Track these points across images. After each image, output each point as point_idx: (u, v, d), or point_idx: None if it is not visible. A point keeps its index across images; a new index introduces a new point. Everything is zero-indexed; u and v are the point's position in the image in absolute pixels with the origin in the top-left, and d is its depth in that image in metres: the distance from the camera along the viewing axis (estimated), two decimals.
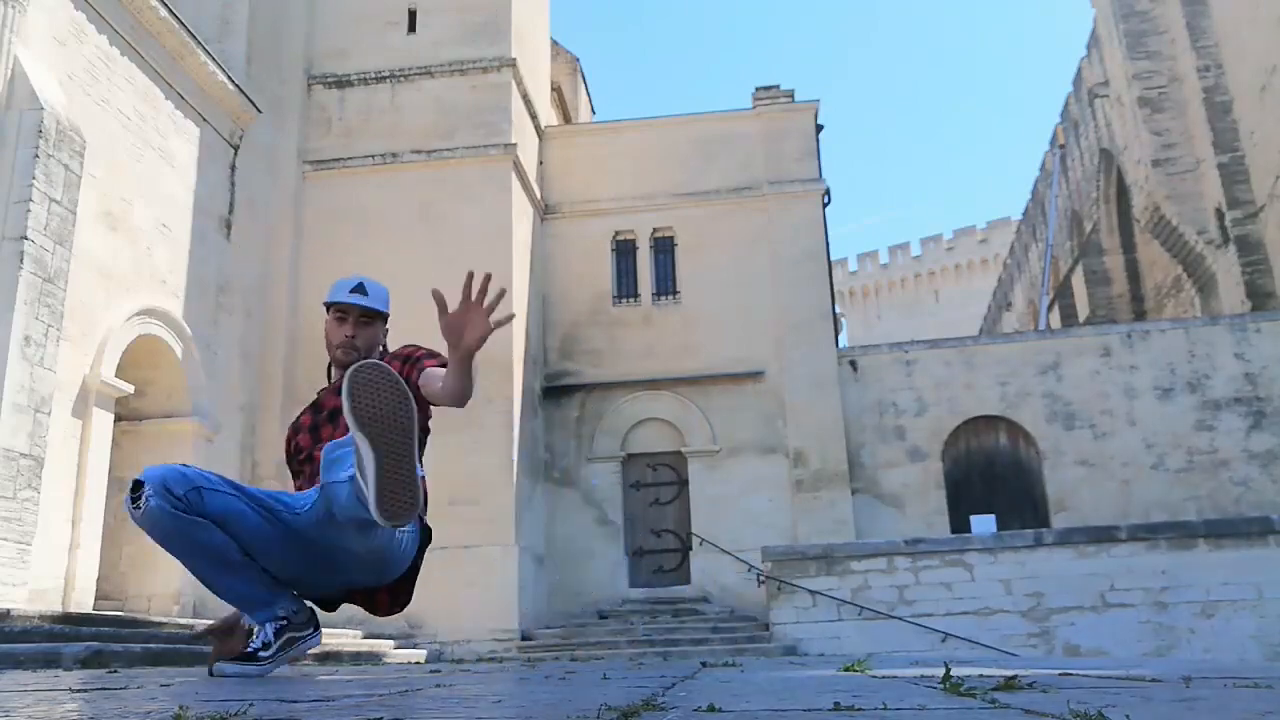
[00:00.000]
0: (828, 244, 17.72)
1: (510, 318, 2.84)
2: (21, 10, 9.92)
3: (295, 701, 1.95)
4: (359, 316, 3.29)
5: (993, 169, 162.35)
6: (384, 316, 3.37)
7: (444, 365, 2.98)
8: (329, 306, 3.33)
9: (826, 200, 17.86)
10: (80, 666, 5.63)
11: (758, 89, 18.46)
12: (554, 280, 17.80)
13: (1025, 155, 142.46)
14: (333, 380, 3.34)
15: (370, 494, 2.51)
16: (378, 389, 2.56)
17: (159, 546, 2.97)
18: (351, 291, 3.28)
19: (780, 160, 17.96)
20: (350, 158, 15.95)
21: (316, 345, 14.97)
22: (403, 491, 2.52)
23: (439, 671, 3.76)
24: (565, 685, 2.43)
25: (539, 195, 17.74)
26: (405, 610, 3.38)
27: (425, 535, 3.16)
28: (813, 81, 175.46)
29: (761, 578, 13.05)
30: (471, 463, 13.78)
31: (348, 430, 2.65)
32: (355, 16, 16.73)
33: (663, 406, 16.93)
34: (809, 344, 16.80)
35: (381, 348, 3.38)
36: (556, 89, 21.74)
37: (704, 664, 4.16)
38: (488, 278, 2.82)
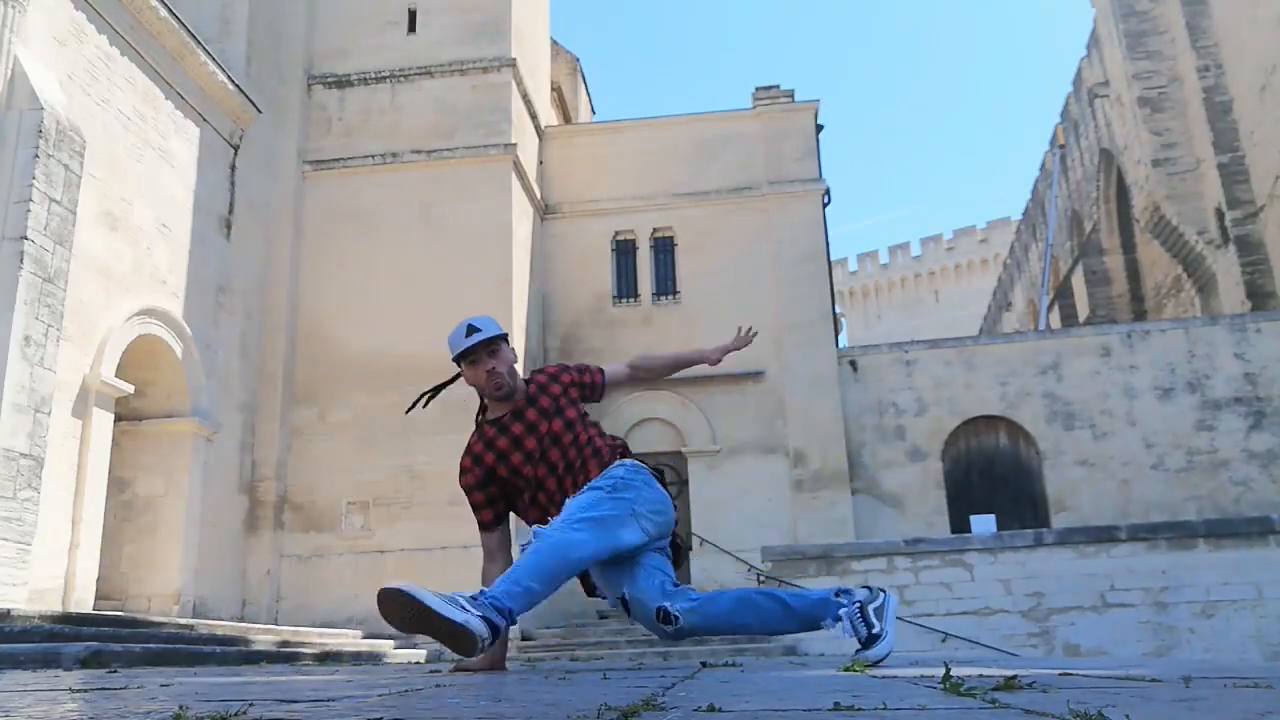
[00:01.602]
0: (828, 244, 17.72)
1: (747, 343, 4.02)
2: (21, 10, 9.92)
3: (295, 701, 1.95)
4: (486, 351, 3.50)
5: (993, 169, 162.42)
6: (503, 337, 3.56)
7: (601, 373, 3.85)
8: (458, 361, 3.53)
9: (826, 200, 17.86)
10: (80, 666, 5.63)
11: (758, 89, 18.46)
12: (554, 280, 17.79)
13: (1025, 155, 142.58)
14: (490, 415, 3.63)
15: None
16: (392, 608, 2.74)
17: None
18: (467, 336, 3.50)
19: (780, 160, 17.95)
20: (350, 158, 15.95)
21: (316, 345, 14.93)
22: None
23: (439, 671, 3.77)
24: (565, 685, 2.44)
25: (539, 195, 17.73)
26: None
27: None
28: (813, 81, 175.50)
29: (761, 578, 13.04)
30: None
31: (541, 441, 3.53)
32: (355, 16, 16.73)
33: (663, 406, 16.92)
34: (809, 344, 16.79)
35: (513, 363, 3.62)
36: (556, 89, 21.74)
37: (704, 664, 4.17)
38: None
